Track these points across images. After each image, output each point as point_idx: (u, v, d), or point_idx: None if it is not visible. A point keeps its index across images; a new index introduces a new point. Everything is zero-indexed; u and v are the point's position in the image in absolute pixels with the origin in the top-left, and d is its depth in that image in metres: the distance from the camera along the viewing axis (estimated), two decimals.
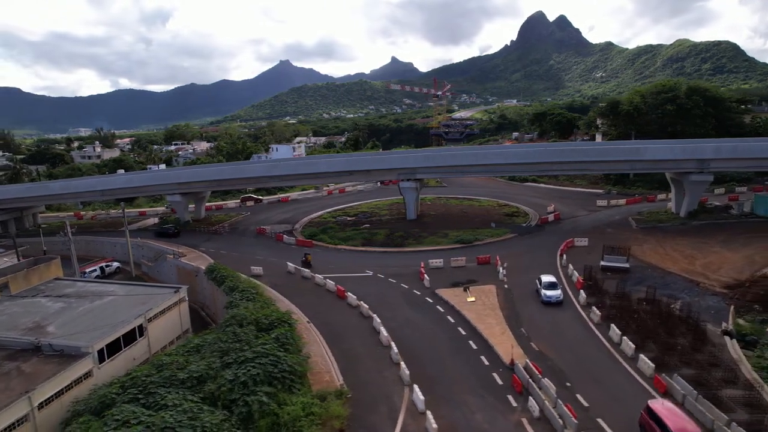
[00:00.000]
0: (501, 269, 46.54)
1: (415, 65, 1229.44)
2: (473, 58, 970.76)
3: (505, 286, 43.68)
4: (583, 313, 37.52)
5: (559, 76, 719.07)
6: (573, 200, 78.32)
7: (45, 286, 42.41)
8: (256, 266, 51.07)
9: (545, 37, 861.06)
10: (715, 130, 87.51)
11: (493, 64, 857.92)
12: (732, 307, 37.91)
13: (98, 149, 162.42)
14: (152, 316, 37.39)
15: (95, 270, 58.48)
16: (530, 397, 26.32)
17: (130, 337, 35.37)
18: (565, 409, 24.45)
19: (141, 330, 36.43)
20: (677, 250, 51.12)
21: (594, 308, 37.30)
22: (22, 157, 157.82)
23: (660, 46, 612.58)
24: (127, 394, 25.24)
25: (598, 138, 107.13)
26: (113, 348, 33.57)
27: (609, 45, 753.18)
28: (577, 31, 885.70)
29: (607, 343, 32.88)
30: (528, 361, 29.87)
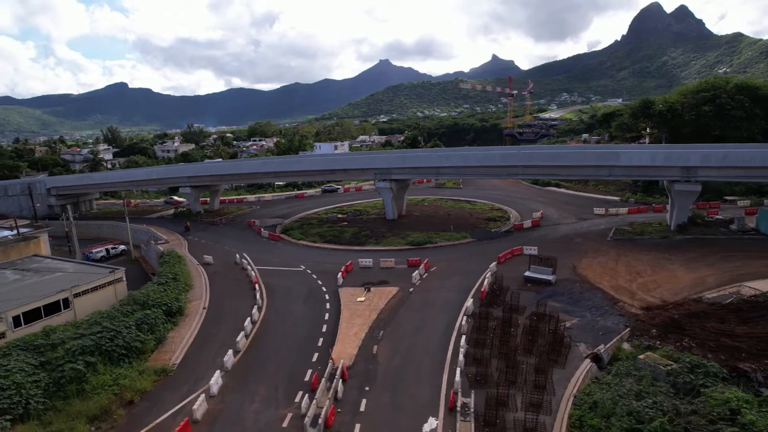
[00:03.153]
0: (418, 273, 46.17)
1: (516, 63, 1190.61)
2: (578, 55, 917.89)
3: (410, 290, 43.45)
4: (459, 322, 36.54)
5: (673, 72, 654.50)
6: (576, 207, 73.42)
7: (21, 261, 50.12)
8: (208, 255, 55.51)
9: (660, 31, 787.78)
10: (764, 134, 76.81)
11: (599, 61, 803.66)
12: (627, 329, 34.72)
13: (176, 144, 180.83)
14: (80, 292, 42.76)
15: (101, 251, 66.38)
16: (308, 396, 27.06)
17: (54, 308, 40.97)
18: (324, 411, 25.00)
19: (66, 303, 41.95)
20: (630, 265, 46.90)
21: (467, 318, 36.27)
22: (116, 150, 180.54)
23: None
24: None
25: (647, 141, 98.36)
26: (33, 316, 39.23)
27: (738, 36, 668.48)
28: (699, 22, 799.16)
29: (449, 353, 32.10)
30: (343, 362, 30.36)
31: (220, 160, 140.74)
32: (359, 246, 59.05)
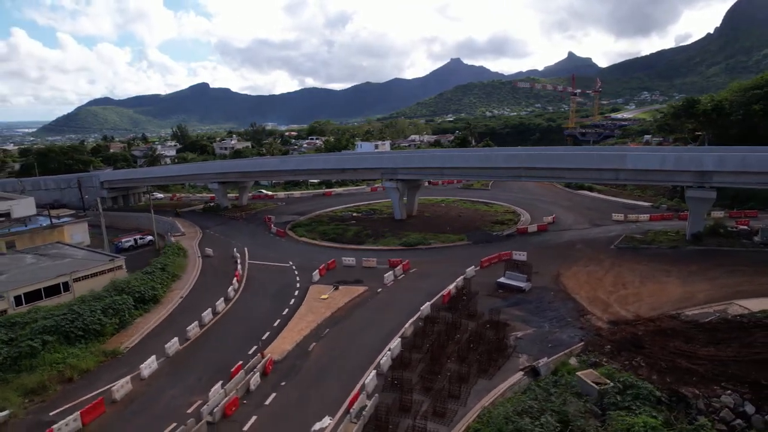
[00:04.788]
0: (392, 274, 45.98)
1: (593, 60, 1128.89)
2: (662, 51, 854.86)
3: (379, 290, 43.41)
4: (406, 325, 36.03)
5: None
6: (597, 212, 69.20)
7: (44, 247, 55.58)
8: (210, 248, 58.48)
9: (760, 21, 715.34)
10: None
11: (686, 57, 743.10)
12: (581, 344, 32.70)
13: (233, 142, 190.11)
14: (80, 277, 46.78)
15: (129, 241, 71.70)
16: (221, 386, 28.08)
17: (54, 291, 45.16)
18: (224, 402, 25.97)
19: (66, 286, 46.06)
20: (620, 276, 43.87)
21: (419, 321, 35.77)
22: (178, 146, 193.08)
23: None
24: None
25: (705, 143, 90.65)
26: (35, 296, 43.49)
27: None
28: None
29: (380, 356, 31.85)
30: (270, 357, 31.15)
31: (269, 157, 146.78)
32: (357, 245, 59.53)
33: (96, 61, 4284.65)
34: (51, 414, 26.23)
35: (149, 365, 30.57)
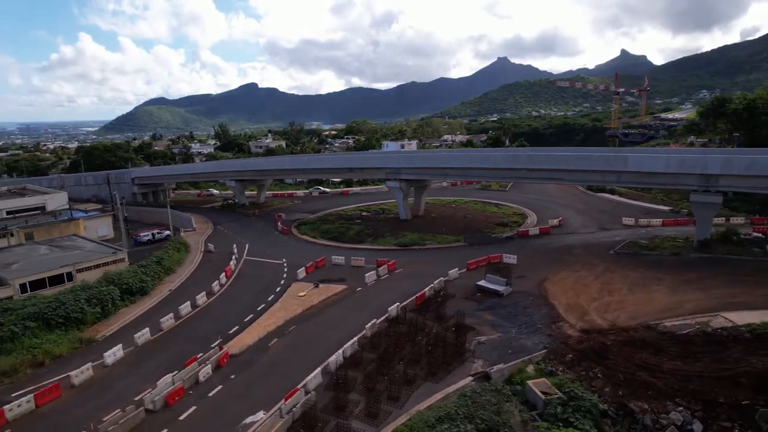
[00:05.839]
0: (375, 274, 45.99)
1: (648, 58, 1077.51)
2: (724, 47, 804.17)
3: (358, 289, 43.60)
4: (369, 324, 35.95)
5: None
6: (609, 216, 66.34)
7: (60, 239, 59.08)
8: (213, 244, 60.40)
9: None
10: None
11: (751, 52, 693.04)
12: (543, 351, 31.65)
13: (268, 140, 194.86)
14: (83, 268, 49.45)
15: (147, 235, 74.82)
16: (168, 374, 29.08)
17: (59, 280, 47.98)
18: (167, 391, 26.91)
19: (70, 276, 48.82)
20: (608, 282, 42.04)
21: (385, 322, 35.72)
22: (217, 144, 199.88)
23: None
24: None
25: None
26: (40, 285, 46.41)
27: None
28: None
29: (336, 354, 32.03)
30: (226, 350, 31.98)
31: (280, 156, 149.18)
32: (357, 244, 59.83)
33: (152, 62, 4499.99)
34: (12, 395, 27.94)
35: (114, 353, 32.03)
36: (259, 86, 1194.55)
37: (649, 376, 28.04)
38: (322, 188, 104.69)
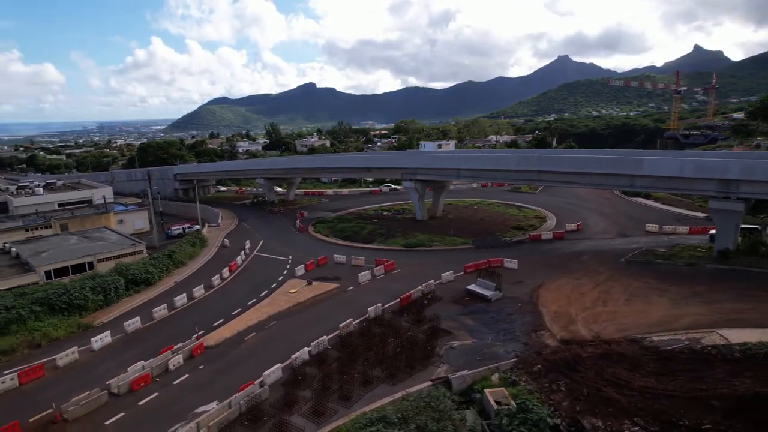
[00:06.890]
0: (368, 273, 46.15)
1: (725, 53, 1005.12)
2: None
3: (349, 288, 43.94)
4: (346, 323, 36.16)
5: None
6: (634, 222, 62.62)
7: (90, 230, 63.38)
8: (229, 240, 62.75)
9: None
10: None
11: None
12: (513, 360, 30.70)
13: (313, 139, 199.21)
14: (103, 258, 52.84)
15: (179, 228, 78.64)
16: (141, 361, 30.61)
17: (81, 268, 51.59)
18: (133, 377, 28.48)
19: (91, 265, 52.34)
20: (607, 292, 39.94)
21: (363, 322, 35.87)
22: (266, 143, 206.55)
23: None
24: None
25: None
26: (63, 272, 50.13)
27: None
28: None
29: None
30: (201, 341, 33.24)
31: (304, 155, 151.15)
32: (367, 243, 60.13)
33: (216, 63, 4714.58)
34: (4, 373, 30.44)
35: (101, 339, 34.13)
36: (317, 86, 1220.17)
37: (615, 392, 26.50)
38: (392, 185, 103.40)
